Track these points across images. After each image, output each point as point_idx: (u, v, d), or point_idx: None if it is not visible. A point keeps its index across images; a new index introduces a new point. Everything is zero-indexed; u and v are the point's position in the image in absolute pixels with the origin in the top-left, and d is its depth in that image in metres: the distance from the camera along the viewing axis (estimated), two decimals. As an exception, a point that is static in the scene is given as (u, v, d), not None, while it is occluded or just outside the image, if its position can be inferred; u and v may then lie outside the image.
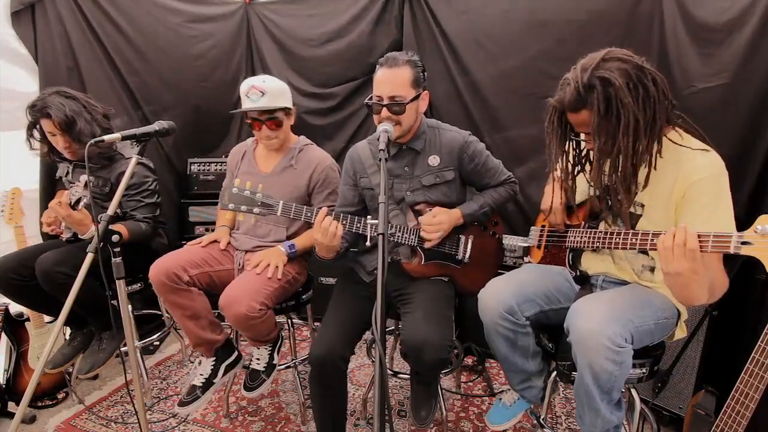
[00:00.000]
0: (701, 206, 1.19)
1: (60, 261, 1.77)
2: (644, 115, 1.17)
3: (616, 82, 1.14)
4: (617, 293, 1.36)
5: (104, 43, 2.48)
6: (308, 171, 1.87)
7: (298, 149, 1.91)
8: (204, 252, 1.81)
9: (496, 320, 1.44)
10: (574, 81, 1.19)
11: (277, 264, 1.72)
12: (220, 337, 1.82)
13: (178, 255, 1.75)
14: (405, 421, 1.99)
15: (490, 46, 2.30)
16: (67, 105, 1.83)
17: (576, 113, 1.23)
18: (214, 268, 1.79)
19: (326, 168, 1.89)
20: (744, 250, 1.01)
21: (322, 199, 1.88)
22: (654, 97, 1.18)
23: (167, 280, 1.64)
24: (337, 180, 1.90)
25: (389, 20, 2.50)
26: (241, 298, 1.57)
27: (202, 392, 1.76)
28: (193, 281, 1.71)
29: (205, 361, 1.83)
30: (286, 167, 1.89)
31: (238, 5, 2.75)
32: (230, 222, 2.02)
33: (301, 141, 1.95)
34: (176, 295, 1.68)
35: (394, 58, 1.53)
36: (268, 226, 1.89)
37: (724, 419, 1.42)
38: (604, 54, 1.20)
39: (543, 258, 1.66)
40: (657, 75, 1.20)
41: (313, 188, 1.88)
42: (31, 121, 1.88)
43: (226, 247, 1.89)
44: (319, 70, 2.68)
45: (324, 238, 1.48)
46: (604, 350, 1.15)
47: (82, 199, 1.58)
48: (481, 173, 1.71)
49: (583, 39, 2.12)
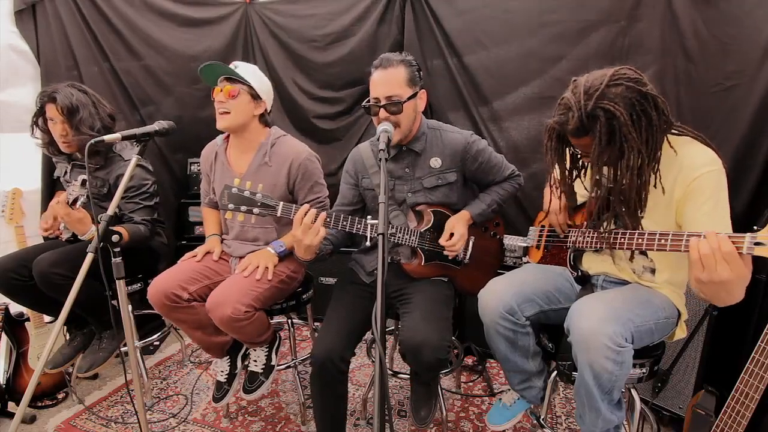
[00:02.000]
0: (702, 201, 1.19)
1: (57, 262, 1.77)
2: (647, 146, 1.17)
3: (620, 116, 1.12)
4: (617, 293, 1.36)
5: (102, 43, 2.49)
6: (284, 167, 1.79)
7: (271, 144, 1.82)
8: (200, 266, 1.79)
9: (496, 320, 1.44)
10: (577, 108, 1.16)
11: (266, 265, 1.70)
12: (228, 337, 1.81)
13: (174, 273, 1.72)
14: (405, 421, 1.99)
15: (491, 45, 2.30)
16: (76, 95, 1.86)
17: (578, 139, 1.23)
18: (213, 280, 1.77)
19: (303, 161, 1.79)
20: (757, 251, 1.00)
21: (305, 194, 1.82)
22: (656, 125, 1.17)
23: (167, 300, 1.63)
24: (318, 171, 1.85)
25: (390, 20, 2.50)
26: (226, 300, 1.56)
27: (229, 385, 1.85)
28: (194, 297, 1.69)
29: (220, 361, 1.87)
30: (261, 165, 1.81)
31: (237, 5, 2.75)
32: (218, 227, 1.99)
33: (273, 134, 1.85)
34: (179, 312, 1.67)
35: (388, 58, 1.52)
36: (255, 230, 1.85)
37: (724, 419, 1.43)
38: (609, 78, 1.16)
39: (542, 258, 1.67)
40: (659, 99, 1.18)
41: (294, 184, 1.81)
42: (39, 107, 1.90)
43: (220, 256, 1.86)
44: (324, 71, 2.67)
45: (304, 235, 1.43)
46: (605, 350, 1.15)
47: (80, 198, 1.58)
48: (486, 171, 1.71)
49: (585, 38, 2.12)
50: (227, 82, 1.75)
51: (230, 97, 1.73)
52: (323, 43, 2.63)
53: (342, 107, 2.69)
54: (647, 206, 1.29)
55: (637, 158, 1.17)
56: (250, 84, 1.76)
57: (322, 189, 1.86)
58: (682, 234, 1.11)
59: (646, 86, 1.17)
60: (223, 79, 1.76)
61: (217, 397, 1.83)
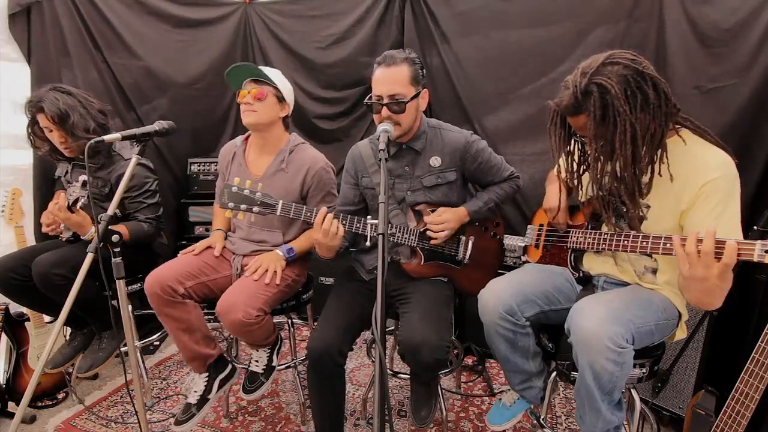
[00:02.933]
0: (712, 206, 1.18)
1: (57, 263, 1.76)
2: (642, 123, 1.16)
3: (612, 90, 1.13)
4: (618, 294, 1.36)
5: (99, 44, 2.48)
6: (300, 174, 1.79)
7: (289, 150, 1.82)
8: (199, 261, 1.76)
9: (496, 321, 1.44)
10: (573, 85, 1.18)
11: (275, 269, 1.69)
12: (213, 351, 1.78)
13: (173, 266, 1.70)
14: (405, 421, 1.99)
15: (489, 46, 2.30)
16: (62, 99, 1.83)
17: (574, 117, 1.23)
18: (211, 277, 1.75)
19: (319, 170, 1.80)
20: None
21: (317, 203, 1.81)
22: (654, 103, 1.16)
23: (162, 293, 1.60)
24: (331, 181, 1.85)
25: (390, 21, 2.51)
26: (238, 304, 1.55)
27: (198, 409, 1.73)
28: (189, 293, 1.67)
29: (198, 378, 1.78)
30: (278, 170, 1.81)
31: (237, 6, 2.75)
32: (226, 225, 1.98)
33: (293, 140, 1.86)
34: (171, 308, 1.64)
35: (392, 56, 1.52)
36: (263, 233, 1.84)
37: (724, 419, 1.43)
38: (605, 57, 1.18)
39: (542, 258, 1.66)
40: (659, 80, 1.18)
41: (307, 192, 1.81)
42: (30, 118, 1.89)
43: (221, 252, 1.84)
44: (325, 71, 2.68)
45: (325, 239, 1.47)
46: (606, 351, 1.15)
47: (80, 199, 1.58)
48: (485, 171, 1.71)
49: (584, 39, 2.12)
50: (254, 84, 1.74)
51: (257, 99, 1.72)
52: (325, 43, 2.63)
53: (343, 107, 2.70)
54: (652, 209, 1.29)
55: (630, 131, 1.16)
56: (276, 86, 1.76)
57: (333, 200, 1.85)
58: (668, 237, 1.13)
59: (645, 66, 1.17)
60: (249, 81, 1.75)
61: (180, 420, 1.69)
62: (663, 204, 1.28)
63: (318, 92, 2.72)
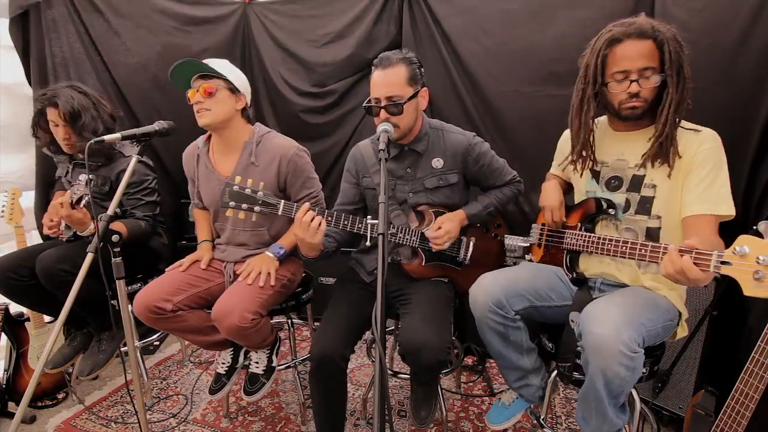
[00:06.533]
0: (699, 180, 1.26)
1: (61, 258, 1.76)
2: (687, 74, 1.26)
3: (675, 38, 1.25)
4: (625, 296, 1.34)
5: (97, 44, 2.48)
6: (274, 165, 1.72)
7: (256, 142, 1.75)
8: (186, 275, 1.73)
9: (485, 314, 1.45)
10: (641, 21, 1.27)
11: (268, 270, 1.68)
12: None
13: (159, 284, 1.66)
14: (405, 421, 1.99)
15: (490, 44, 2.29)
16: (77, 98, 1.84)
17: (639, 40, 1.26)
18: (203, 287, 1.73)
19: (292, 157, 1.73)
20: (723, 269, 1.00)
21: (298, 189, 1.78)
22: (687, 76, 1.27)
23: (150, 313, 1.59)
24: (308, 165, 1.80)
25: (388, 19, 2.50)
26: (233, 309, 1.53)
27: (228, 378, 1.82)
28: (179, 307, 1.63)
29: (224, 353, 1.85)
30: (248, 165, 1.73)
31: (236, 6, 2.75)
32: (210, 233, 1.94)
33: (258, 132, 1.78)
34: (164, 323, 1.63)
35: (388, 57, 1.50)
36: (246, 233, 1.81)
37: (724, 419, 1.42)
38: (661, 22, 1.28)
39: (543, 257, 1.67)
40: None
41: (285, 181, 1.75)
42: (38, 109, 1.89)
43: (209, 264, 1.81)
44: (318, 70, 2.67)
45: (305, 234, 1.43)
46: (620, 356, 1.14)
47: (84, 197, 1.58)
48: (487, 174, 1.70)
49: (584, 37, 2.11)
50: (202, 81, 1.65)
51: (208, 95, 1.63)
52: (322, 42, 2.63)
53: (332, 99, 2.67)
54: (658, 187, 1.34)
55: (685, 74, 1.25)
56: (226, 78, 1.67)
57: (314, 183, 1.82)
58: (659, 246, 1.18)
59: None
60: (197, 78, 1.66)
61: (213, 389, 1.80)
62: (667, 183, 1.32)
63: (307, 88, 2.69)
